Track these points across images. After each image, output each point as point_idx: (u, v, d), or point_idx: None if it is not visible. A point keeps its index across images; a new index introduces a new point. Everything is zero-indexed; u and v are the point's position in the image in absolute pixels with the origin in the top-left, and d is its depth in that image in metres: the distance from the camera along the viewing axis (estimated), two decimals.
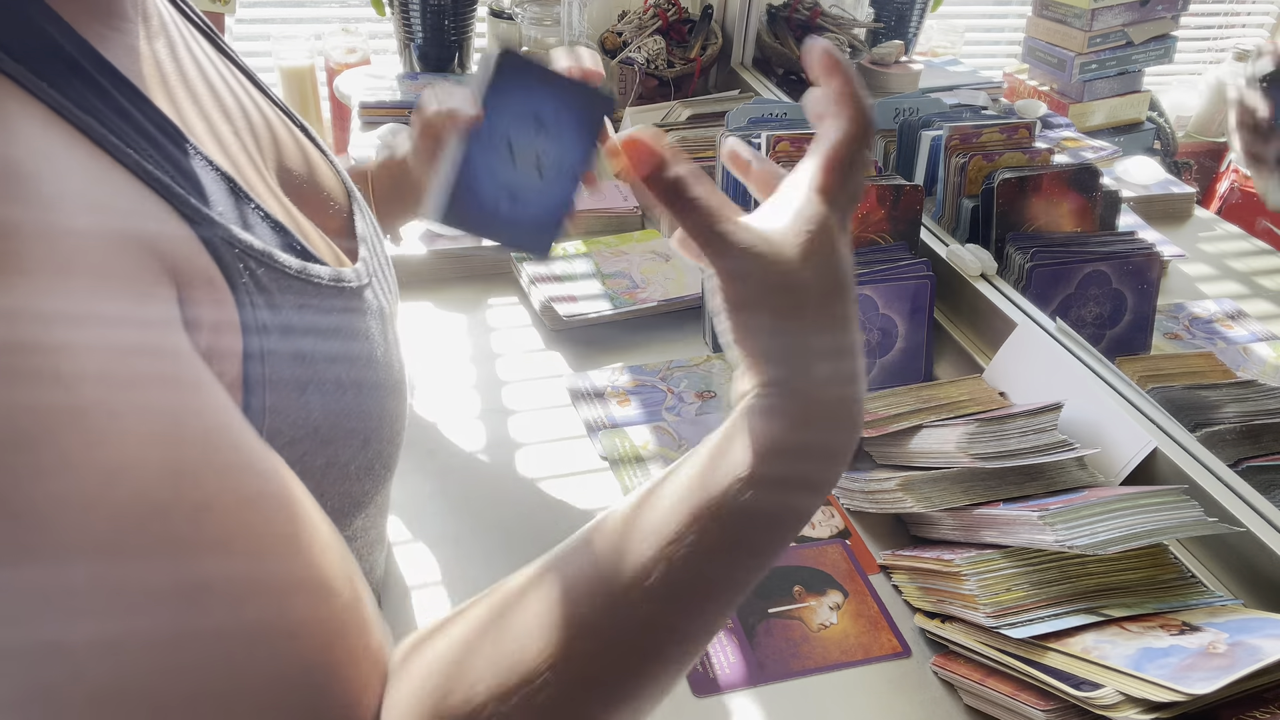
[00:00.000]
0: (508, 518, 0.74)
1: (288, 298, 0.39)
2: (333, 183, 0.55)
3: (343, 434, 0.43)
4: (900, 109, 1.19)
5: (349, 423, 0.43)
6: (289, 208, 0.45)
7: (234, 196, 0.39)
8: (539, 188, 0.68)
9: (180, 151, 0.37)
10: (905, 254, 0.93)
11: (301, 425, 0.40)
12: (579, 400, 0.88)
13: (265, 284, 0.38)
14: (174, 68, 0.42)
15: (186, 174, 0.36)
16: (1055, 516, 0.61)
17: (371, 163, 0.77)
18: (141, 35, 0.40)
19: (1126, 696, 0.51)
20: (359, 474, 0.45)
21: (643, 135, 0.37)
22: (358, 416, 0.44)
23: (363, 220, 0.54)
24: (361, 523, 0.50)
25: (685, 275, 1.05)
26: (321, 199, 0.53)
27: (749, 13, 1.51)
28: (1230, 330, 1.06)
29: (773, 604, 0.68)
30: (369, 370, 0.45)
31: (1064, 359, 0.84)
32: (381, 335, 0.48)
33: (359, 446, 0.45)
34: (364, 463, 0.45)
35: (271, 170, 0.48)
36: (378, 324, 0.48)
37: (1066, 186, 1.01)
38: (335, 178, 0.55)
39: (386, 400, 0.47)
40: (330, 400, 0.42)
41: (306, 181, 0.52)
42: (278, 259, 0.39)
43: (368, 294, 0.48)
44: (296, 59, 1.55)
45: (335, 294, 0.44)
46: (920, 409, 0.80)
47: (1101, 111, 1.59)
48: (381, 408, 0.46)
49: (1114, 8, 1.51)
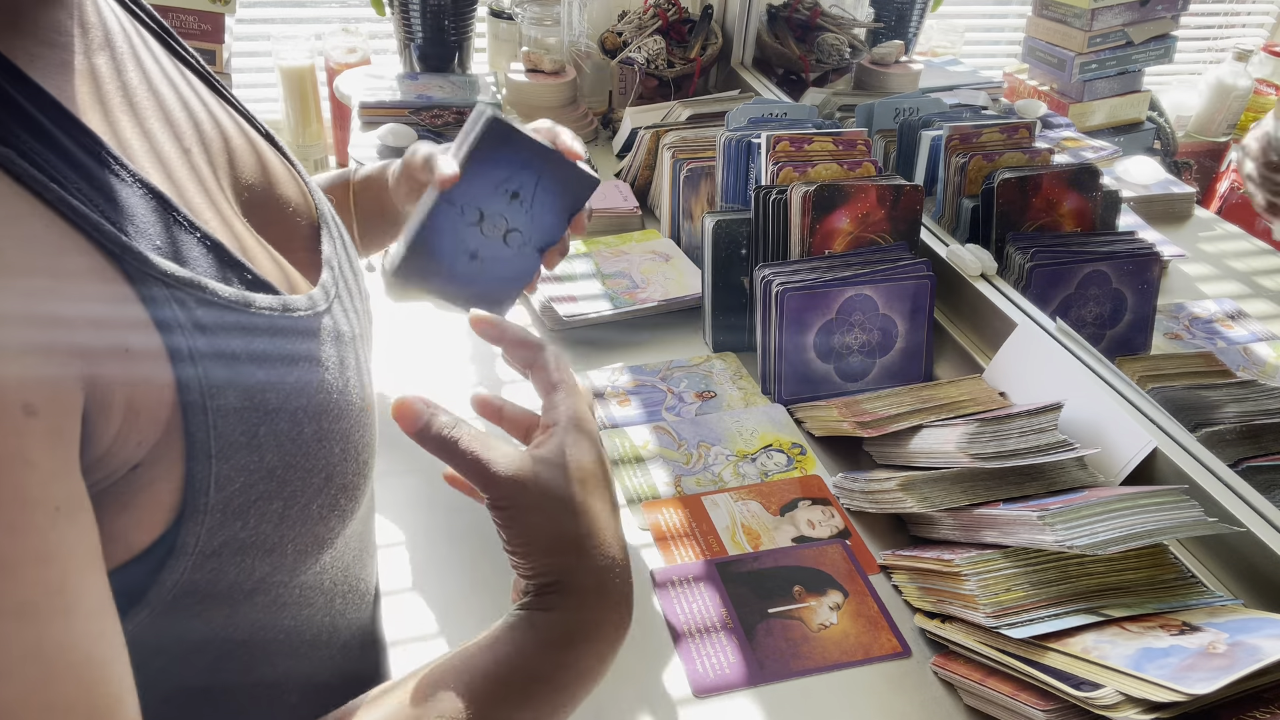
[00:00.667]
0: None
1: (228, 330, 0.37)
2: (298, 199, 0.52)
3: (301, 473, 0.41)
4: (900, 109, 1.19)
5: (307, 460, 0.41)
6: (236, 229, 0.43)
7: (169, 222, 0.37)
8: (502, 258, 0.72)
9: (111, 175, 0.35)
10: (905, 254, 0.93)
11: (255, 469, 0.38)
12: None
13: (199, 317, 0.36)
14: (115, 83, 0.40)
15: (113, 200, 0.35)
16: (1055, 516, 0.61)
17: (357, 174, 0.76)
18: (78, 49, 0.39)
19: (1126, 696, 0.51)
20: (322, 514, 0.43)
21: (406, 399, 0.43)
22: (318, 453, 0.42)
23: (330, 240, 0.51)
24: (329, 558, 0.47)
25: (685, 275, 1.06)
26: (283, 217, 0.50)
27: (749, 13, 1.51)
28: (1230, 330, 1.06)
29: (773, 604, 0.68)
30: (331, 401, 0.43)
31: (1064, 359, 0.84)
32: (342, 362, 0.45)
33: (321, 484, 0.42)
34: (327, 501, 0.43)
35: (226, 187, 0.45)
36: (338, 350, 0.45)
37: (1066, 186, 1.01)
38: (302, 193, 0.53)
39: (351, 431, 0.44)
40: (286, 438, 0.40)
41: (267, 198, 0.49)
42: (209, 288, 0.37)
43: (327, 320, 0.45)
44: (296, 59, 1.55)
45: (286, 322, 0.41)
46: (920, 409, 0.80)
47: (1101, 111, 1.59)
48: (345, 439, 0.44)
49: (1114, 8, 1.51)
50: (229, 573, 0.39)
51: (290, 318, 0.41)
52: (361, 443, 0.46)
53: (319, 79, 1.60)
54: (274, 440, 0.39)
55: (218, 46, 1.37)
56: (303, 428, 0.41)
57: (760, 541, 0.74)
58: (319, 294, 0.45)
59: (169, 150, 0.41)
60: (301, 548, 0.43)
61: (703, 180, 1.08)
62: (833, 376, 0.91)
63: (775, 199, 0.91)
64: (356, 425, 0.45)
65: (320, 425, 0.42)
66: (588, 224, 0.72)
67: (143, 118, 0.40)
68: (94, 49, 0.40)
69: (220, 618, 0.36)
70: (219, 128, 0.47)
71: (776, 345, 0.89)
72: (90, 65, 0.39)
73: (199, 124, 0.45)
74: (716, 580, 0.70)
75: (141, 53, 0.44)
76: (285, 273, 0.45)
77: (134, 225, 0.35)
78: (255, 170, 0.49)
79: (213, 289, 0.37)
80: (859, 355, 0.91)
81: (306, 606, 0.46)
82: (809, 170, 0.95)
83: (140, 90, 0.41)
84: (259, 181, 0.49)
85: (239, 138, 0.48)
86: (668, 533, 0.74)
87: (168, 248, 0.36)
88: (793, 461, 0.83)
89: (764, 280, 0.88)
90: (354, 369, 0.46)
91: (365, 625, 0.56)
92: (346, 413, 0.44)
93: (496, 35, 1.57)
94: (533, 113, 1.44)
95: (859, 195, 0.92)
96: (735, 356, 0.96)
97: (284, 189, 0.51)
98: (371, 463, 0.49)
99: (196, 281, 0.36)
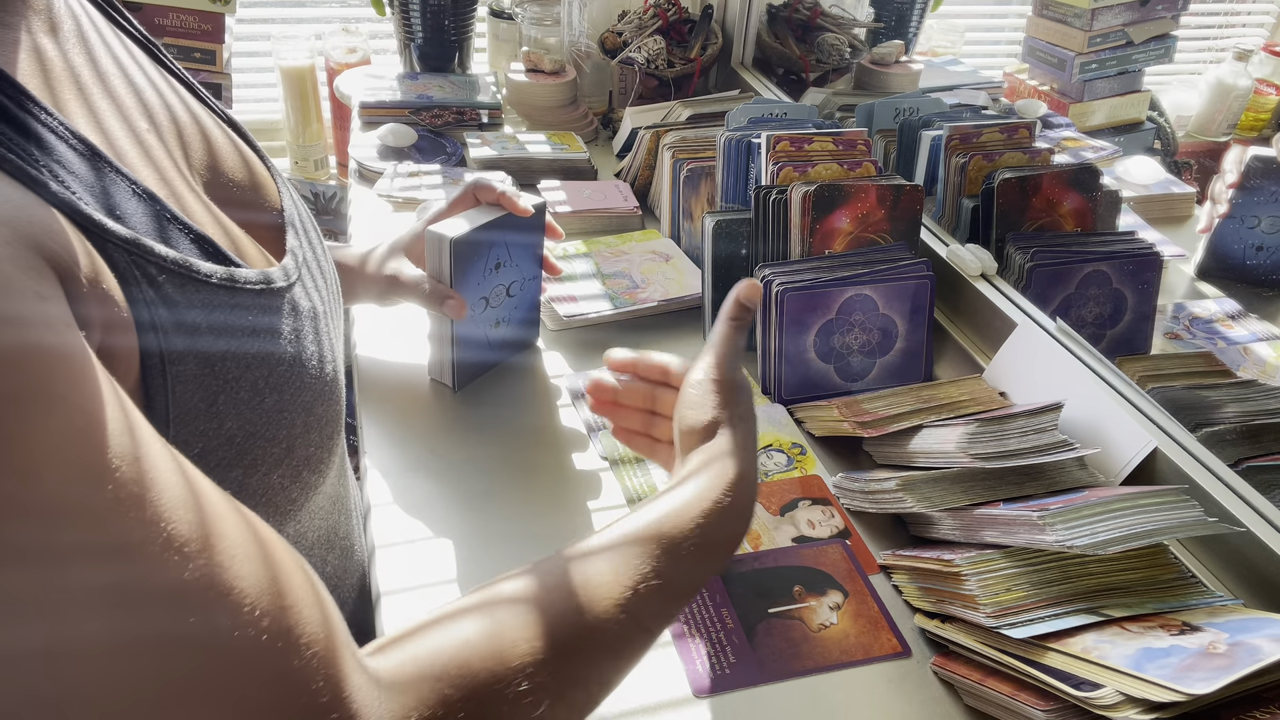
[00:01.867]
0: (507, 517, 0.74)
1: (189, 300, 0.38)
2: (257, 187, 0.53)
3: (262, 442, 0.41)
4: (900, 109, 1.19)
5: (268, 430, 0.42)
6: (178, 189, 0.43)
7: (102, 171, 0.37)
8: (515, 305, 0.88)
9: (91, 164, 0.36)
10: (905, 254, 0.93)
11: (213, 435, 0.39)
12: (579, 400, 0.88)
13: (163, 286, 0.36)
14: (61, 63, 0.39)
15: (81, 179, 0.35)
16: (1055, 516, 0.61)
17: (354, 254, 0.84)
18: (40, 30, 0.39)
19: (1126, 696, 0.51)
20: (283, 483, 0.44)
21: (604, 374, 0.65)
22: (279, 423, 0.43)
23: (295, 234, 0.52)
24: (294, 529, 0.49)
25: (685, 275, 1.06)
26: (241, 204, 0.50)
27: (749, 13, 1.51)
28: (1230, 330, 1.06)
29: (773, 604, 0.68)
30: (293, 374, 0.44)
31: (1064, 359, 0.84)
32: (312, 337, 0.46)
33: (282, 455, 0.43)
34: (289, 471, 0.44)
35: (196, 169, 0.46)
36: (305, 324, 0.46)
37: (1066, 186, 1.01)
38: (262, 184, 0.53)
39: (314, 405, 0.45)
40: (246, 408, 0.40)
41: (223, 185, 0.49)
42: (178, 261, 0.37)
43: (295, 294, 0.46)
44: (296, 59, 1.55)
45: (252, 295, 0.42)
46: (920, 409, 0.80)
47: (1101, 111, 1.59)
48: (308, 412, 0.45)
49: (1114, 8, 1.51)
50: None
51: (245, 288, 0.41)
52: (325, 417, 0.47)
53: (319, 79, 1.60)
54: (234, 409, 0.40)
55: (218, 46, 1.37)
56: (264, 398, 0.41)
57: (760, 541, 0.74)
58: (277, 272, 0.45)
59: (115, 127, 0.40)
60: (262, 517, 0.43)
61: (703, 180, 1.08)
62: (833, 376, 0.91)
63: (775, 199, 0.91)
64: (320, 399, 0.46)
65: (282, 397, 0.42)
66: (561, 229, 0.87)
67: (90, 97, 0.40)
68: (40, 30, 0.39)
69: None
70: (170, 112, 0.46)
71: (776, 345, 0.89)
72: (35, 44, 0.39)
73: (149, 107, 0.44)
74: (716, 580, 0.70)
75: (92, 39, 0.43)
76: (238, 244, 0.44)
77: (77, 180, 0.35)
78: (206, 156, 0.48)
79: (150, 247, 0.36)
80: (859, 355, 0.91)
81: None
82: (809, 170, 0.95)
83: (85, 71, 0.41)
84: (210, 167, 0.48)
85: (191, 125, 0.48)
86: None
87: (104, 200, 0.36)
88: (793, 461, 0.83)
89: (764, 280, 0.88)
90: (316, 344, 0.46)
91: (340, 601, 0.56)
92: (309, 386, 0.45)
93: (496, 35, 1.57)
94: (533, 113, 1.44)
95: (859, 195, 0.92)
96: None
97: (238, 177, 0.51)
98: (337, 438, 0.49)
99: (136, 240, 0.35)
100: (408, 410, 0.84)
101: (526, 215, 0.79)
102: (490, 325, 0.86)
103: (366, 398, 0.85)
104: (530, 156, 1.29)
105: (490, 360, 0.89)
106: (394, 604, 0.66)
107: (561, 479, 0.79)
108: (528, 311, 0.91)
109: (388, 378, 0.89)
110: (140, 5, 1.31)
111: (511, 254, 0.84)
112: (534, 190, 1.22)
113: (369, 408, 0.84)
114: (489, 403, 0.87)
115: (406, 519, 0.73)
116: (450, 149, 1.32)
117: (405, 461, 0.78)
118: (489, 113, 1.41)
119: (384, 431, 0.81)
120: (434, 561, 0.69)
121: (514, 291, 0.86)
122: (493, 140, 1.32)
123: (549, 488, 0.78)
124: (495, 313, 0.85)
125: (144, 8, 1.32)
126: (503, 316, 0.87)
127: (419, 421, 0.83)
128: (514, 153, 1.29)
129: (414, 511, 0.73)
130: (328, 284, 0.53)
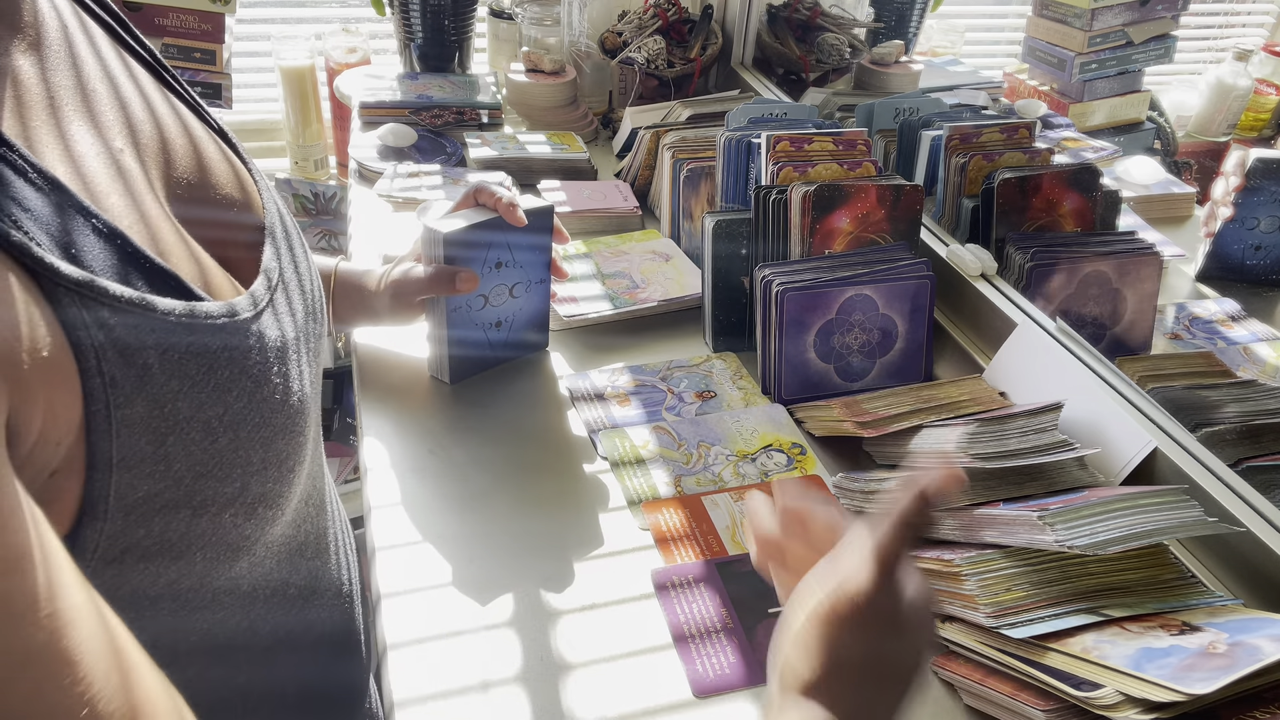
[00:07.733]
0: (507, 519, 0.74)
1: (142, 340, 0.36)
2: (242, 200, 0.51)
3: (213, 482, 0.40)
4: (900, 109, 1.19)
5: (220, 470, 0.40)
6: (154, 223, 0.41)
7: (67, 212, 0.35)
8: (519, 308, 0.88)
9: (52, 200, 0.34)
10: (905, 254, 0.93)
11: (160, 477, 0.37)
12: (579, 400, 0.88)
13: (114, 329, 0.35)
14: (39, 86, 0.39)
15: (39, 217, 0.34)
16: (1055, 516, 0.61)
17: (339, 267, 0.84)
18: (19, 50, 0.38)
19: (1126, 696, 0.51)
20: (235, 522, 0.42)
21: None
22: (232, 462, 0.41)
23: (274, 247, 0.50)
24: (246, 564, 0.46)
25: (685, 275, 1.06)
26: (222, 218, 0.49)
27: (749, 13, 1.51)
28: (1230, 330, 1.06)
29: (773, 604, 0.68)
30: (251, 410, 0.42)
31: (1064, 359, 0.84)
32: (278, 368, 0.43)
33: (235, 493, 0.41)
34: (242, 509, 0.42)
35: (157, 184, 0.44)
36: (271, 355, 0.43)
37: (1066, 186, 1.01)
38: (249, 196, 0.51)
39: (274, 439, 0.43)
40: (197, 448, 0.39)
41: (205, 198, 0.47)
42: (103, 288, 0.35)
43: (262, 323, 0.44)
44: (296, 59, 1.55)
45: (213, 331, 0.40)
46: (920, 409, 0.80)
47: (1101, 111, 1.59)
48: (266, 448, 0.43)
49: (1114, 8, 1.51)
50: (132, 578, 0.38)
51: (205, 324, 0.39)
52: (285, 451, 0.45)
53: (319, 79, 1.60)
54: (183, 450, 0.38)
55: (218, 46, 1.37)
56: (217, 438, 0.40)
57: None
58: (244, 301, 0.43)
59: (87, 149, 0.40)
60: (213, 555, 0.42)
61: (703, 180, 1.09)
62: (833, 376, 0.91)
63: (775, 199, 0.91)
64: (281, 434, 0.44)
65: (238, 435, 0.41)
66: (568, 233, 0.87)
67: (63, 119, 0.39)
68: (19, 50, 0.39)
69: (126, 620, 0.35)
70: (157, 125, 0.45)
71: (776, 345, 0.89)
72: (11, 66, 0.38)
73: (133, 122, 0.44)
74: (716, 580, 0.70)
75: (81, 51, 0.43)
76: (206, 274, 0.43)
77: (32, 218, 0.33)
78: (193, 170, 0.47)
79: (105, 288, 0.35)
80: (859, 355, 0.91)
81: (220, 610, 0.46)
82: (809, 170, 0.95)
83: (66, 91, 0.40)
84: (197, 181, 0.47)
85: (181, 137, 0.47)
86: (668, 533, 0.74)
87: (62, 239, 0.34)
88: (793, 461, 0.83)
89: (764, 280, 0.88)
90: (282, 375, 0.44)
91: (296, 629, 0.54)
92: (269, 422, 0.43)
93: (496, 35, 1.57)
94: (533, 113, 1.44)
95: (859, 195, 0.92)
96: (735, 356, 0.96)
97: (226, 190, 0.49)
98: (299, 470, 0.47)
99: (89, 281, 0.34)
100: (408, 410, 0.84)
101: (520, 225, 0.81)
102: (490, 323, 0.86)
103: (367, 398, 0.86)
104: (530, 157, 1.29)
105: (490, 358, 0.89)
106: (394, 605, 0.66)
107: (561, 479, 0.79)
108: (535, 314, 0.91)
109: (388, 378, 0.89)
110: (140, 5, 1.31)
111: (515, 255, 0.84)
112: (534, 190, 1.22)
113: (369, 408, 0.84)
114: (489, 403, 0.87)
115: (406, 520, 0.73)
116: (450, 149, 1.32)
117: (405, 462, 0.78)
118: (489, 113, 1.41)
119: (384, 432, 0.81)
120: (434, 562, 0.69)
121: (518, 293, 0.87)
122: (493, 140, 1.32)
123: (549, 488, 0.78)
124: (496, 311, 0.86)
125: (144, 8, 1.31)
126: (505, 316, 0.87)
127: (419, 422, 0.83)
128: (514, 153, 1.29)
129: (414, 512, 0.73)
130: (305, 298, 0.51)
